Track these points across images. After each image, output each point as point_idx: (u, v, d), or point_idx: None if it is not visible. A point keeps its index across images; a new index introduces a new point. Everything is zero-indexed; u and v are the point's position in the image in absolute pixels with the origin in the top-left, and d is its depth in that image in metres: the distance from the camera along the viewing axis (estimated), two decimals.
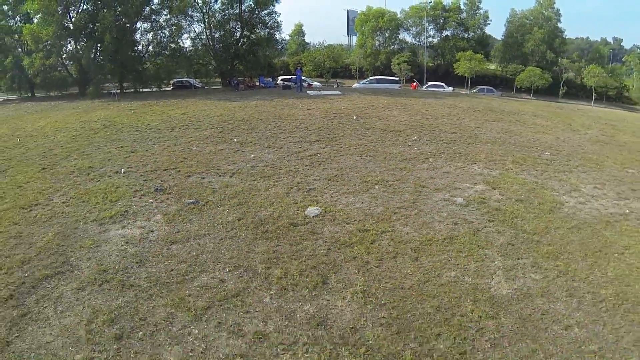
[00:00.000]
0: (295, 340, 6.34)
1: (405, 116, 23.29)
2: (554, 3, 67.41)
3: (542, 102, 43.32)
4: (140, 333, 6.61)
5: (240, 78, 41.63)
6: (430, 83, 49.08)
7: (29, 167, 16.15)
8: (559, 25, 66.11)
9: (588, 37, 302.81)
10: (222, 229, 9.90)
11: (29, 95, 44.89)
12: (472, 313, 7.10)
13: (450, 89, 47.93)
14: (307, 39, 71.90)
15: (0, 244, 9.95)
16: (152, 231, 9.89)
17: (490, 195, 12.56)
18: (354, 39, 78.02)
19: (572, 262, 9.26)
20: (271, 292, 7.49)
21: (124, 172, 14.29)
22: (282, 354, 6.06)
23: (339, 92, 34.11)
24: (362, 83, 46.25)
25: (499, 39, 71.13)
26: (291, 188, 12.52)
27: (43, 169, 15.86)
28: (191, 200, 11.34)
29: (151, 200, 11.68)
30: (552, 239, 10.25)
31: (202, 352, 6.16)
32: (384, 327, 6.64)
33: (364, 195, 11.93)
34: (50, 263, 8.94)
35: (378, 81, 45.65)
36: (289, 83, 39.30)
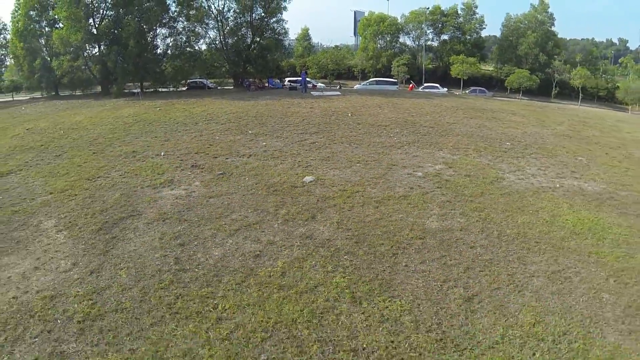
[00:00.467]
0: (292, 244, 10.28)
1: (394, 114, 27.15)
2: (548, 7, 70.94)
3: (526, 102, 46.86)
4: (195, 243, 10.56)
5: (252, 80, 45.70)
6: (426, 84, 52.81)
7: (81, 152, 20.12)
8: (553, 28, 69.56)
9: (593, 38, 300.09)
10: (244, 189, 13.88)
11: (53, 94, 49.06)
12: (407, 235, 10.98)
13: (445, 89, 51.57)
14: (315, 39, 75.77)
15: (80, 201, 13.94)
16: (194, 191, 13.87)
17: (445, 171, 16.42)
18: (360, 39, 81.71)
19: (493, 214, 13.08)
20: (278, 222, 11.45)
21: (163, 155, 18.28)
22: (284, 251, 9.99)
23: (339, 93, 38.06)
24: (363, 84, 50.08)
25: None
26: (294, 165, 16.46)
27: (94, 153, 19.84)
28: (220, 172, 15.30)
29: (189, 173, 15.67)
30: (484, 200, 14.08)
31: (235, 250, 10.11)
32: (348, 239, 10.54)
33: (347, 170, 15.85)
34: (123, 210, 12.93)
35: (377, 82, 49.45)
36: (295, 84, 43.25)
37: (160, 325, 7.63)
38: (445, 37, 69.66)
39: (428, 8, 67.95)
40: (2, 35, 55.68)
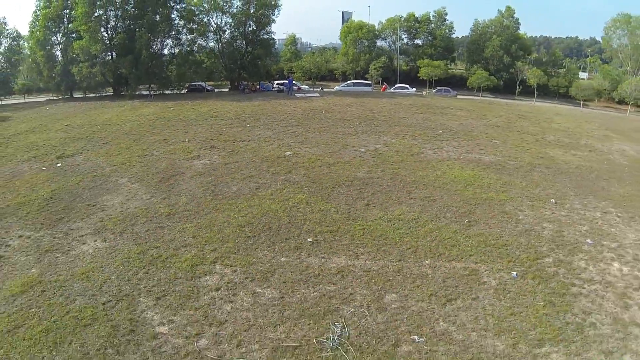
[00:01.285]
0: (276, 183, 18.13)
1: (358, 111, 34.99)
2: (514, 13, 79.04)
3: (477, 99, 54.63)
4: (221, 184, 18.34)
5: (246, 83, 53.37)
6: (397, 85, 60.57)
7: (123, 141, 27.58)
8: (519, 32, 77.26)
9: (577, 37, 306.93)
10: (247, 159, 21.66)
11: (69, 95, 56.06)
12: (343, 180, 18.82)
13: (414, 89, 59.35)
14: (305, 39, 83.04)
15: (139, 169, 21.52)
16: (215, 161, 21.66)
17: (381, 149, 24.27)
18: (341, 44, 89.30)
19: (402, 171, 20.89)
20: (269, 174, 19.29)
21: (187, 141, 25.97)
22: (272, 186, 17.81)
23: (318, 95, 45.86)
24: (342, 86, 57.82)
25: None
26: (279, 146, 24.26)
27: (134, 141, 27.32)
28: (230, 150, 23.07)
29: (209, 151, 23.41)
30: (401, 164, 21.91)
31: (244, 186, 17.91)
32: (308, 181, 18.38)
33: (314, 148, 23.67)
34: (171, 172, 20.61)
35: (354, 84, 57.22)
36: (282, 87, 50.98)
37: (209, 214, 15.43)
38: (418, 41, 77.32)
39: (402, 16, 75.71)
40: (15, 42, 62.03)
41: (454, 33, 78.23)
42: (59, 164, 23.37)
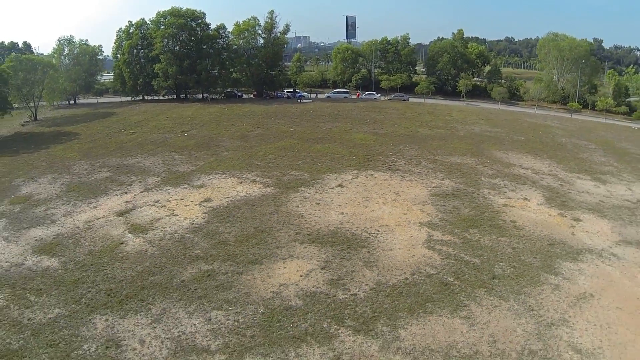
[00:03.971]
0: (287, 139, 47.71)
1: (330, 110, 64.28)
2: (463, 35, 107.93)
3: (418, 102, 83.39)
4: (266, 139, 48.06)
5: (267, 91, 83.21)
6: (367, 92, 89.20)
7: (210, 124, 57.11)
8: (462, 50, 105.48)
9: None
10: (272, 134, 51.09)
11: (142, 98, 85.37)
12: (315, 139, 48.49)
13: (378, 95, 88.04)
14: (313, 38, 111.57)
15: (225, 135, 51.36)
16: (260, 133, 51.39)
17: (334, 129, 53.64)
18: (352, 42, 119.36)
19: (339, 137, 50.37)
20: (284, 137, 48.97)
21: (245, 125, 55.64)
22: (284, 141, 47.39)
23: (311, 100, 75.36)
24: (329, 93, 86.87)
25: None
26: (288, 127, 53.72)
27: (216, 125, 56.97)
28: (266, 128, 52.72)
29: (256, 129, 53.08)
30: (339, 134, 51.41)
31: (271, 140, 47.61)
32: (298, 140, 47.93)
33: (304, 128, 53.10)
34: (242, 136, 50.32)
35: (338, 92, 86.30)
36: (290, 95, 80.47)
37: (264, 145, 45.06)
38: (389, 58, 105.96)
39: (378, 40, 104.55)
40: (93, 58, 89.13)
41: (415, 53, 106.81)
42: (185, 134, 52.91)
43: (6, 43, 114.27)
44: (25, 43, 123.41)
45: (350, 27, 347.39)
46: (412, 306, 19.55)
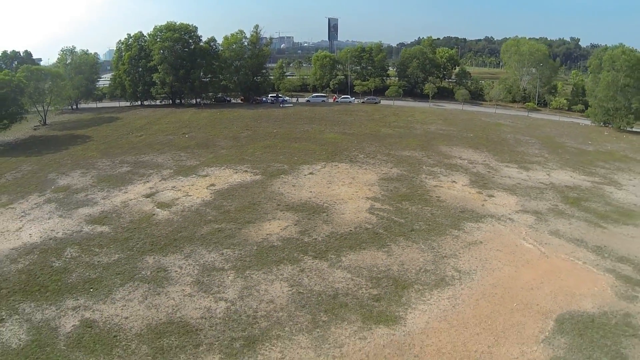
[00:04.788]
0: (271, 139, 58.38)
1: (308, 114, 75.05)
2: (432, 42, 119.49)
3: (385, 105, 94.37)
4: (254, 138, 58.69)
5: (254, 96, 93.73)
6: (343, 96, 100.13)
7: (206, 127, 67.71)
8: (430, 56, 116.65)
9: (546, 38, 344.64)
10: (261, 133, 61.76)
11: (139, 103, 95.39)
12: (295, 138, 59.21)
13: (353, 99, 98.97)
14: (297, 39, 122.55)
15: (220, 135, 61.92)
16: (249, 134, 61.95)
17: (309, 130, 64.51)
18: (335, 43, 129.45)
19: (313, 136, 61.17)
20: (269, 137, 59.58)
21: (235, 127, 66.19)
22: (269, 140, 58.01)
23: (292, 105, 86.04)
24: (309, 97, 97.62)
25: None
26: (272, 128, 64.44)
27: (212, 127, 67.43)
28: (254, 130, 63.32)
29: (246, 131, 63.63)
30: (313, 134, 62.23)
31: (258, 140, 58.24)
32: (283, 138, 58.65)
33: (285, 129, 63.75)
34: (235, 136, 60.91)
35: (316, 96, 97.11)
36: (273, 100, 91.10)
37: (252, 144, 55.63)
38: (364, 64, 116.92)
39: (355, 47, 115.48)
40: (94, 68, 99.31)
41: (387, 60, 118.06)
42: (187, 136, 63.24)
43: (8, 52, 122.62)
44: (26, 52, 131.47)
45: (332, 28, 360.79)
46: (352, 245, 30.31)
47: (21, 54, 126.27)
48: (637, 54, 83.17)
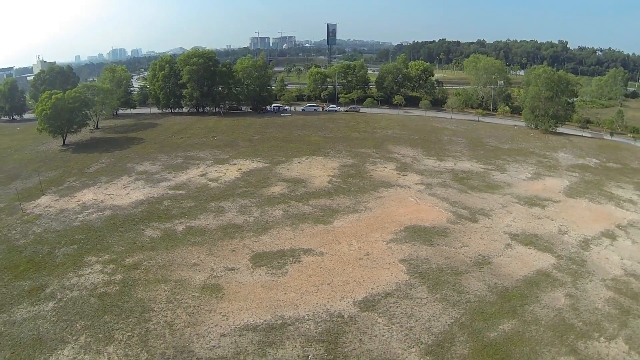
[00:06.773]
0: (274, 141, 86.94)
1: (301, 122, 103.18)
2: (405, 58, 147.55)
3: (364, 113, 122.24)
4: (264, 140, 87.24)
5: (261, 106, 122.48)
6: (330, 105, 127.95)
7: (228, 132, 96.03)
8: (405, 71, 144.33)
9: (537, 40, 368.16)
10: (268, 137, 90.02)
11: (170, 111, 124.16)
12: (291, 140, 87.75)
13: (338, 107, 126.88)
14: (299, 38, 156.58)
15: (241, 138, 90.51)
16: (261, 137, 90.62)
17: (302, 135, 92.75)
18: (336, 43, 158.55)
19: (303, 139, 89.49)
20: (273, 139, 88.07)
21: (249, 133, 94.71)
22: (272, 142, 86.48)
23: (290, 114, 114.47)
24: (304, 107, 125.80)
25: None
26: (276, 133, 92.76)
27: (232, 132, 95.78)
28: (262, 135, 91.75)
29: (258, 135, 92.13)
30: (301, 138, 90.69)
31: (268, 141, 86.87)
32: (282, 141, 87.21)
33: (284, 134, 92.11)
34: (253, 138, 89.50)
35: (310, 106, 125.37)
36: (275, 109, 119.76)
37: (266, 142, 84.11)
38: (349, 78, 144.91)
39: (341, 64, 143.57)
40: (130, 82, 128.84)
41: (369, 75, 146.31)
42: (215, 138, 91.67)
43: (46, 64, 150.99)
44: (68, 66, 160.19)
45: (331, 33, 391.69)
46: (315, 197, 58.26)
47: (64, 68, 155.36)
48: (556, 73, 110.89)
